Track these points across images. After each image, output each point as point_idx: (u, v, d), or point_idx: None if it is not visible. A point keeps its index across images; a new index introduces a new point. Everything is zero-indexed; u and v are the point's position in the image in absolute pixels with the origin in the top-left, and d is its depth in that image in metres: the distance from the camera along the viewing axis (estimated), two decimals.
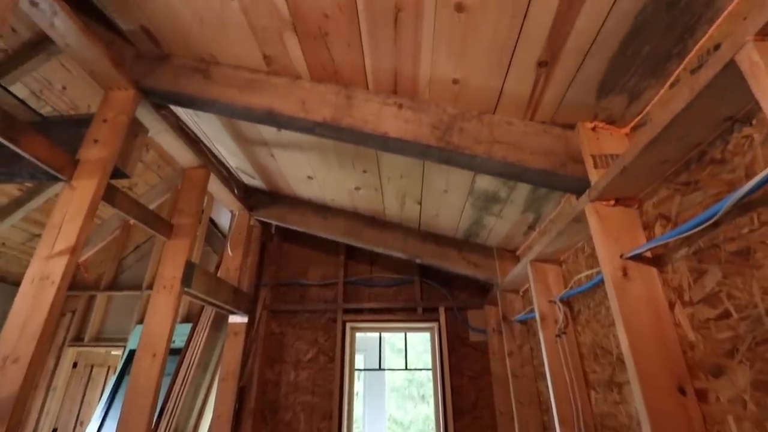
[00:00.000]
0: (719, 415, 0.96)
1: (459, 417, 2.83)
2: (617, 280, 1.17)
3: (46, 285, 1.31)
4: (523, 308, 2.45)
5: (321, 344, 3.11)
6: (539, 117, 1.41)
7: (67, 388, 4.50)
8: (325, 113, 1.48)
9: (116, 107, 1.69)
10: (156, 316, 1.91)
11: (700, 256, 1.02)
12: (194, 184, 2.23)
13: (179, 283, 1.96)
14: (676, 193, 1.11)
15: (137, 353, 1.85)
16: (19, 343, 1.21)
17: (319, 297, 3.30)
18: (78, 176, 1.56)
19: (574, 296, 1.74)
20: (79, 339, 4.61)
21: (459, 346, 3.05)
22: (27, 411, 4.26)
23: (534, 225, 2.14)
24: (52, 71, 3.09)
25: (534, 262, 1.88)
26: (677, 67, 1.09)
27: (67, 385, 4.51)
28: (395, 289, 3.29)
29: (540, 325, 1.77)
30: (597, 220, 1.24)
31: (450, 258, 2.60)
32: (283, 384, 3.00)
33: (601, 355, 1.53)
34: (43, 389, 4.39)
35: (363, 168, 2.13)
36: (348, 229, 2.75)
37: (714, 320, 0.98)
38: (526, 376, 2.31)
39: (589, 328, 1.62)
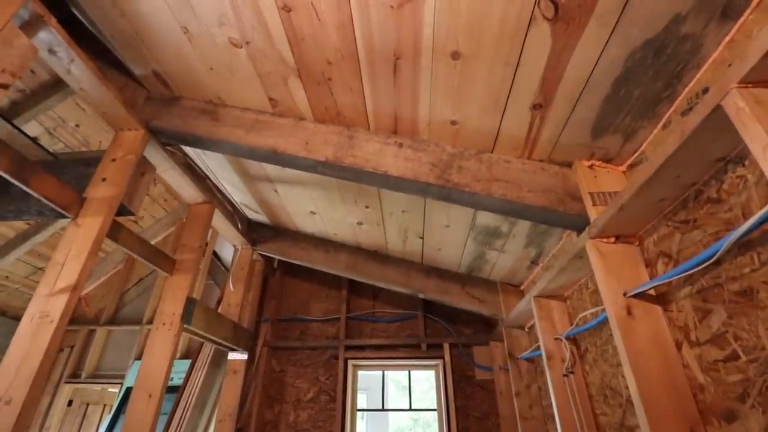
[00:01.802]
0: None
1: None
2: (622, 319, 1.15)
3: (44, 323, 1.30)
4: (529, 345, 2.39)
5: (322, 383, 3.02)
6: (536, 155, 1.43)
7: (60, 428, 4.35)
8: (328, 153, 1.52)
9: (125, 147, 1.74)
10: (154, 354, 1.88)
11: (704, 295, 1.01)
12: (199, 219, 2.25)
13: (179, 320, 1.95)
14: (676, 230, 1.11)
15: (133, 394, 1.80)
16: (14, 384, 1.19)
17: (321, 333, 3.24)
18: (84, 214, 1.58)
19: (580, 334, 1.70)
20: (75, 375, 4.51)
21: (465, 384, 2.95)
22: None
23: (537, 260, 2.12)
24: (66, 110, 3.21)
25: (538, 298, 1.85)
26: (668, 109, 1.12)
27: (61, 425, 4.37)
28: (398, 324, 3.24)
29: (547, 363, 1.72)
30: (598, 258, 1.24)
31: (453, 293, 2.57)
32: (282, 426, 2.90)
33: (611, 396, 1.47)
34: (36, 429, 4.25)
35: (365, 203, 2.15)
36: (350, 263, 2.75)
37: (723, 362, 0.95)
38: (535, 417, 2.22)
39: (597, 367, 1.57)
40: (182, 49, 1.49)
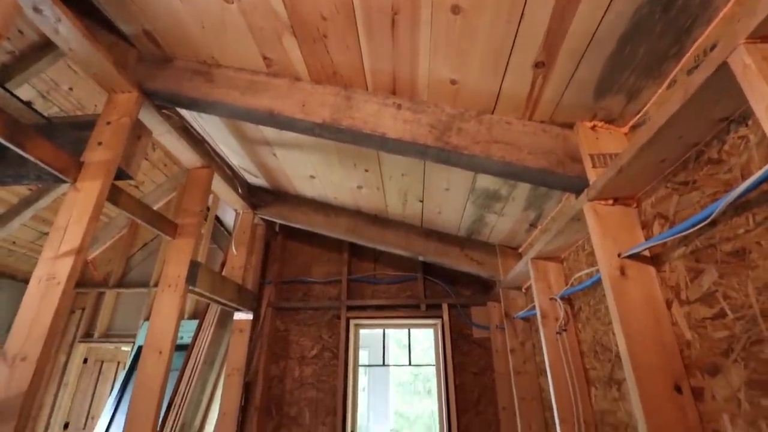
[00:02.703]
0: (715, 413, 0.97)
1: (463, 413, 2.85)
2: (615, 279, 1.17)
3: (52, 285, 1.34)
4: (525, 305, 2.46)
5: (325, 341, 3.14)
6: (538, 117, 1.41)
7: (78, 383, 4.58)
8: (325, 114, 1.49)
9: (120, 110, 1.71)
10: (161, 315, 1.95)
11: (697, 256, 1.03)
12: (198, 184, 2.25)
13: (184, 282, 2.00)
14: (674, 192, 1.11)
15: (144, 350, 1.89)
16: (27, 342, 1.25)
17: (323, 294, 3.33)
18: (82, 178, 1.58)
19: (575, 294, 1.74)
20: (88, 335, 4.69)
21: (462, 342, 3.06)
22: (39, 406, 4.35)
23: (536, 223, 2.14)
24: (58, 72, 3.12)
25: (535, 260, 1.89)
26: (674, 68, 1.08)
27: (78, 381, 4.59)
28: (399, 286, 3.31)
29: (541, 322, 1.78)
30: (595, 220, 1.24)
31: (452, 255, 2.61)
32: (288, 380, 3.04)
33: (601, 352, 1.53)
34: (55, 385, 4.48)
35: (364, 167, 2.14)
36: (351, 227, 2.77)
37: (710, 319, 0.98)
38: (528, 372, 2.33)
39: (590, 325, 1.63)
40: (173, 5, 1.43)
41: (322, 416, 2.91)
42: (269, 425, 2.93)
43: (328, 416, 2.90)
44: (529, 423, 2.22)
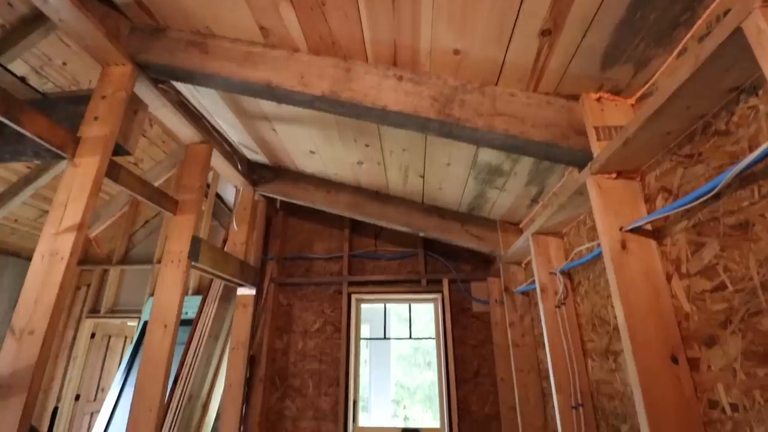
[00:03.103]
0: (709, 383, 0.99)
1: (461, 384, 2.93)
2: (616, 253, 1.18)
3: (55, 261, 1.35)
4: (525, 280, 2.48)
5: (327, 315, 3.20)
6: (542, 88, 1.37)
7: (87, 357, 4.70)
8: (324, 87, 1.46)
9: (114, 83, 1.67)
10: (165, 290, 1.97)
11: (700, 229, 1.02)
12: (197, 159, 2.23)
13: (186, 258, 2.01)
14: (679, 165, 1.09)
15: (149, 325, 1.92)
16: (34, 316, 1.26)
17: (325, 270, 3.36)
18: (80, 154, 1.57)
19: (574, 268, 1.75)
20: (95, 311, 4.78)
21: (462, 316, 3.11)
22: (50, 379, 4.48)
23: (537, 198, 2.13)
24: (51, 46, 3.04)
25: (536, 235, 1.89)
26: (685, 35, 1.04)
27: (87, 354, 4.71)
28: (399, 262, 3.34)
29: (540, 296, 1.80)
30: (598, 193, 1.23)
31: (453, 231, 2.62)
32: (291, 352, 3.12)
33: (599, 325, 1.56)
34: (65, 358, 4.60)
35: (365, 142, 2.11)
36: (352, 203, 2.76)
37: (710, 292, 0.99)
38: (526, 345, 2.37)
39: (588, 299, 1.64)
40: None
41: (325, 387, 2.99)
42: (274, 396, 3.02)
43: (331, 387, 2.98)
44: (526, 393, 2.28)
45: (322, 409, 2.94)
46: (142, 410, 1.77)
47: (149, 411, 1.77)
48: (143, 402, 1.79)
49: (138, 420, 1.76)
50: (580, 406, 1.62)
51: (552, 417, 2.14)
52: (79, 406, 4.54)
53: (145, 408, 1.77)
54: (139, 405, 1.78)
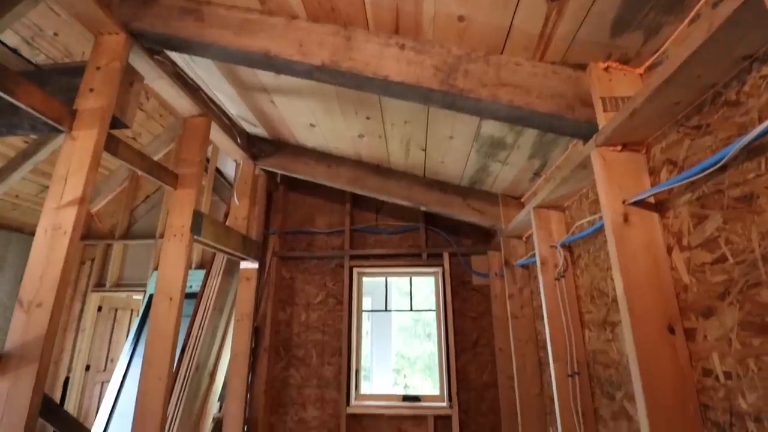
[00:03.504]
0: (704, 352, 1.01)
1: (461, 354, 3.01)
2: (617, 226, 1.18)
3: (58, 235, 1.36)
4: (525, 253, 2.50)
5: (330, 288, 3.25)
6: (549, 57, 1.33)
7: (95, 330, 4.81)
8: (324, 56, 1.41)
9: (108, 53, 1.63)
10: (169, 263, 1.99)
11: (703, 202, 1.02)
12: (195, 133, 2.20)
13: (189, 232, 2.02)
14: (686, 137, 1.08)
15: (155, 298, 1.95)
16: (40, 289, 1.28)
17: (327, 244, 3.38)
18: (77, 127, 1.54)
19: (575, 241, 1.76)
20: (100, 285, 4.85)
21: (462, 289, 3.16)
22: (60, 350, 4.60)
23: (540, 172, 2.11)
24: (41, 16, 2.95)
25: (537, 209, 1.88)
26: (698, 1, 1.00)
27: (95, 327, 4.81)
28: (401, 236, 3.36)
29: (540, 269, 1.82)
30: (602, 166, 1.22)
31: (455, 205, 2.61)
32: (294, 324, 3.19)
33: (598, 297, 1.58)
34: (73, 331, 4.71)
35: (366, 114, 2.08)
36: (353, 177, 2.75)
37: (710, 264, 0.99)
38: (525, 316, 2.42)
39: (588, 271, 1.66)
40: None
41: (328, 357, 3.08)
42: (278, 365, 3.11)
43: (334, 356, 3.07)
44: (524, 362, 2.34)
45: (326, 378, 3.04)
46: (151, 379, 1.83)
47: (159, 379, 1.82)
48: (152, 371, 1.84)
49: (148, 388, 1.82)
50: (576, 374, 1.66)
51: (548, 384, 2.20)
52: (90, 376, 4.68)
53: (155, 377, 1.83)
54: (149, 374, 1.84)
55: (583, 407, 1.62)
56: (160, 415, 1.76)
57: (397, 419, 2.93)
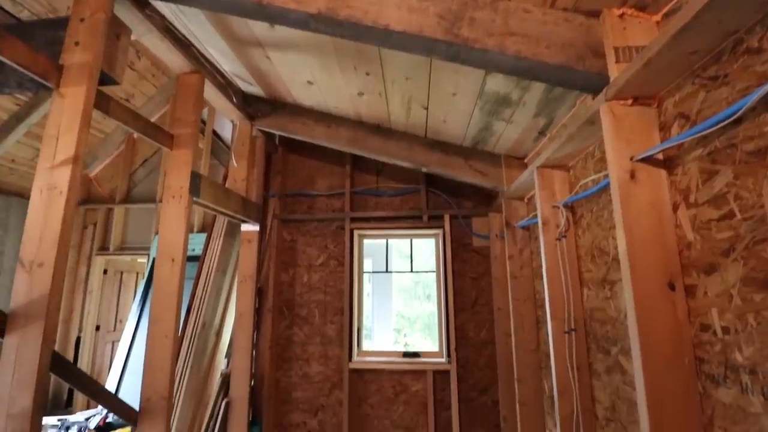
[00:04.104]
0: (703, 308, 1.01)
1: (459, 313, 3.08)
2: (624, 183, 1.15)
3: (54, 195, 1.34)
4: (526, 214, 2.49)
5: (331, 250, 3.27)
6: (561, 3, 1.25)
7: (102, 292, 4.92)
8: (320, 3, 1.33)
9: (92, 3, 1.54)
10: (169, 225, 1.99)
11: (714, 157, 0.98)
12: (189, 91, 2.12)
13: (187, 193, 2.00)
14: (702, 89, 1.03)
15: (157, 260, 1.96)
16: (41, 249, 1.28)
17: (327, 207, 3.37)
18: (65, 83, 1.48)
19: (577, 201, 1.74)
20: (104, 248, 4.91)
21: (462, 251, 3.18)
22: (70, 311, 4.73)
23: (545, 130, 2.05)
24: None
25: (541, 169, 1.85)
26: None
27: (102, 289, 4.92)
28: (401, 198, 3.34)
29: (542, 229, 1.81)
30: (611, 121, 1.18)
31: (456, 166, 2.57)
32: (297, 285, 3.24)
33: (598, 256, 1.58)
34: (81, 293, 4.81)
35: (365, 70, 1.99)
36: (352, 137, 2.69)
37: (716, 221, 0.98)
38: (524, 276, 2.44)
39: (590, 231, 1.65)
40: None
41: (330, 316, 3.16)
42: (282, 324, 3.20)
43: (336, 316, 3.14)
44: (521, 320, 2.40)
45: (328, 336, 3.13)
46: (158, 337, 1.88)
47: (165, 337, 1.87)
48: (159, 329, 1.88)
49: (155, 345, 1.87)
50: (573, 330, 1.70)
51: (544, 341, 2.27)
52: (101, 336, 4.84)
53: (161, 335, 1.88)
54: (155, 332, 1.88)
55: (578, 362, 1.67)
56: (168, 371, 1.82)
57: (398, 374, 3.04)
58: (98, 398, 1.67)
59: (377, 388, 3.03)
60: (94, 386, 1.61)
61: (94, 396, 1.59)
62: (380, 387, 3.03)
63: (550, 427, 2.17)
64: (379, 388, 3.03)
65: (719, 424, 0.95)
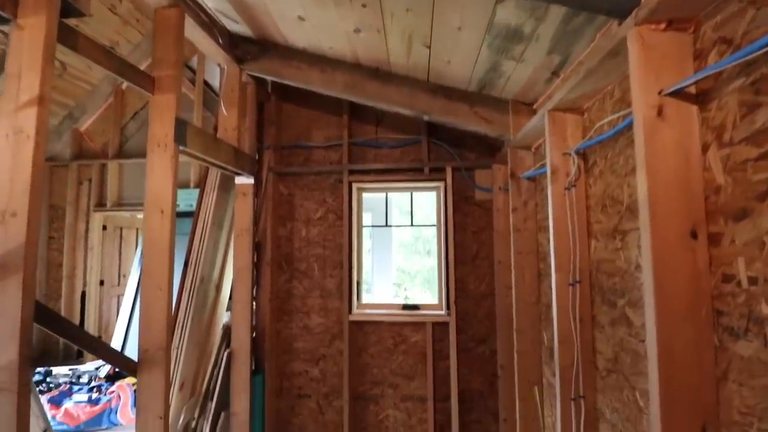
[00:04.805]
0: (728, 257, 0.93)
1: (460, 266, 3.05)
2: (649, 121, 1.03)
3: (22, 140, 1.22)
4: (533, 164, 2.37)
5: (329, 204, 3.19)
6: None
7: (103, 248, 4.92)
8: None
9: None
10: (156, 176, 1.88)
11: (759, 86, 0.86)
12: (167, 27, 1.93)
13: (172, 141, 1.88)
14: (750, 6, 0.88)
15: (146, 212, 1.88)
16: (12, 198, 1.19)
17: (325, 159, 3.24)
18: (23, 14, 1.32)
19: (591, 147, 1.62)
20: (101, 205, 4.86)
21: (464, 204, 3.10)
22: (72, 266, 4.76)
23: (559, 71, 1.88)
24: None
25: (553, 112, 1.71)
26: None
27: (102, 245, 4.92)
28: (402, 150, 3.20)
29: (550, 178, 1.70)
30: (639, 49, 1.03)
31: (461, 113, 2.41)
32: (295, 239, 3.19)
33: (610, 206, 1.49)
34: (82, 249, 4.82)
35: (361, 1, 1.79)
36: (350, 82, 2.50)
37: (754, 161, 0.87)
38: (527, 229, 2.37)
39: (602, 179, 1.55)
40: None
41: (329, 270, 3.13)
42: (282, 278, 3.19)
43: (335, 270, 3.12)
44: (523, 273, 2.35)
45: (328, 289, 3.13)
46: (152, 289, 1.84)
47: (159, 289, 1.83)
48: (152, 281, 1.84)
49: (150, 297, 1.83)
50: (577, 283, 1.64)
51: (545, 294, 2.23)
52: (105, 290, 4.91)
53: (155, 287, 1.84)
54: (149, 284, 1.84)
55: (581, 314, 1.63)
56: (164, 322, 1.80)
57: (397, 326, 3.07)
58: (91, 349, 1.66)
59: (377, 339, 3.07)
60: (84, 336, 1.59)
61: (87, 346, 1.57)
62: (380, 338, 3.07)
63: (547, 376, 2.20)
64: (379, 339, 3.07)
65: (734, 377, 0.90)
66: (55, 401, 3.40)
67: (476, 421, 2.94)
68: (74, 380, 3.83)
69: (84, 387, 3.70)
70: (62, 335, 1.41)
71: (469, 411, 2.95)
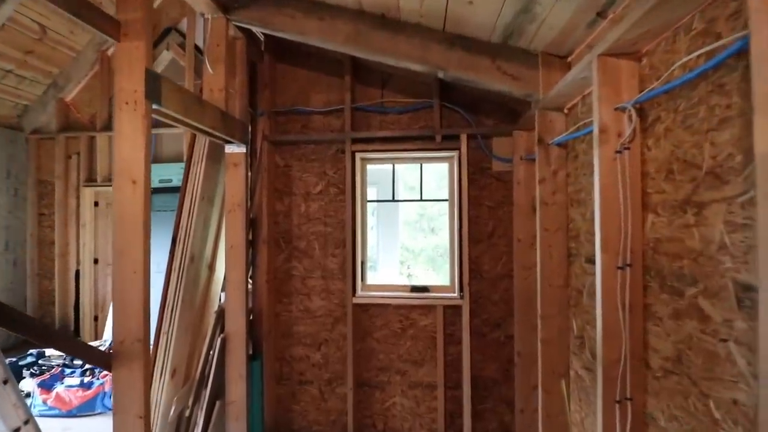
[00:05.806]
0: None
1: (474, 244, 2.79)
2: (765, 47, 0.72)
3: None
4: (564, 129, 2.05)
5: (330, 176, 2.90)
6: None
7: (96, 225, 4.72)
8: None
9: None
10: (125, 140, 1.60)
11: None
12: None
13: (143, 98, 1.57)
14: None
15: (115, 182, 1.61)
16: None
17: (325, 126, 2.93)
18: None
19: (654, 99, 1.30)
20: (91, 180, 4.66)
21: (480, 176, 2.80)
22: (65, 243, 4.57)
23: (606, 10, 1.54)
24: None
25: (603, 57, 1.38)
26: None
27: (95, 222, 4.72)
28: (410, 115, 2.87)
29: (598, 139, 1.40)
30: None
31: (481, 68, 2.08)
32: (294, 215, 2.93)
33: (680, 171, 1.19)
34: (74, 225, 4.62)
35: None
36: (353, 32, 2.16)
37: None
38: (557, 203, 2.08)
39: (669, 138, 1.24)
40: None
41: (331, 248, 2.88)
42: (280, 257, 2.94)
43: (338, 248, 2.87)
44: (549, 252, 2.08)
45: (330, 269, 2.88)
46: (125, 272, 1.58)
47: (134, 273, 1.58)
48: (125, 263, 1.58)
49: (124, 282, 1.58)
50: (627, 266, 1.37)
51: (575, 276, 1.97)
52: (100, 269, 4.72)
53: (129, 270, 1.58)
54: (122, 267, 1.58)
55: (632, 302, 1.37)
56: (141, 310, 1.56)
57: (405, 309, 2.84)
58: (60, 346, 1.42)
59: (383, 322, 2.85)
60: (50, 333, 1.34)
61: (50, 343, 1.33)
62: (386, 322, 2.85)
63: (575, 368, 1.96)
64: (385, 322, 2.85)
65: None
66: (45, 385, 3.24)
67: (490, 410, 2.75)
68: (68, 362, 3.67)
69: (77, 370, 3.54)
70: (26, 335, 1.16)
71: (481, 399, 2.75)
